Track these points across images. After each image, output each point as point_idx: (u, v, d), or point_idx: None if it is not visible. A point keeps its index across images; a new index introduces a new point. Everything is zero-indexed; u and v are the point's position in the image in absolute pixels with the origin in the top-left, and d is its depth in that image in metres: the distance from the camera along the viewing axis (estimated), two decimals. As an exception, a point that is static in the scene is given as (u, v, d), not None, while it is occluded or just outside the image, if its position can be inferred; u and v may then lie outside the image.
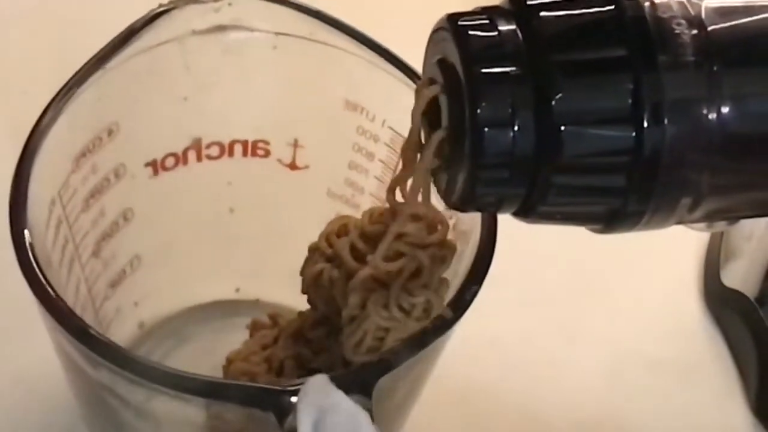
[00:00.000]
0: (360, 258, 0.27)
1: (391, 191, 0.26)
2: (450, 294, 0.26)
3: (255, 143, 0.33)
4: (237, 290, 0.37)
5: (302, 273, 0.30)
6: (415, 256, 0.26)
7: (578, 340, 0.39)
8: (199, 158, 0.32)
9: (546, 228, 0.23)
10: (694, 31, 0.20)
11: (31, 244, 0.24)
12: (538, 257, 0.39)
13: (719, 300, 0.40)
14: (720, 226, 0.25)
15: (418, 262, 0.26)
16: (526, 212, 0.22)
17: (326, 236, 0.29)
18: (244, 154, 0.33)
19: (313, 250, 0.30)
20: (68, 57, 0.28)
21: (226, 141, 0.32)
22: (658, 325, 0.40)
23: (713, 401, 0.38)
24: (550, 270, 0.40)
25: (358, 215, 0.32)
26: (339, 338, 0.28)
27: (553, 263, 0.40)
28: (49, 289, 0.23)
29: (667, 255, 0.41)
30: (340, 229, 0.29)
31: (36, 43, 0.44)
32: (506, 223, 0.25)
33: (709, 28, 0.20)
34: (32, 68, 0.42)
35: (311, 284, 0.29)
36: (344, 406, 0.21)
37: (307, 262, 0.30)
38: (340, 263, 0.28)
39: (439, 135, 0.22)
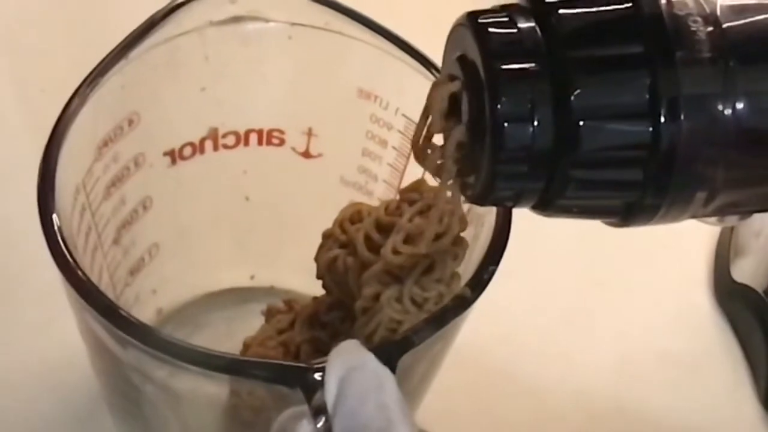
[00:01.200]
0: (374, 248, 0.28)
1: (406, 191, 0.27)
2: (468, 274, 0.26)
3: (270, 132, 0.33)
4: (252, 277, 0.37)
5: (317, 259, 0.30)
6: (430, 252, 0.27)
7: (589, 333, 0.39)
8: (215, 147, 0.33)
9: (558, 223, 0.23)
10: (710, 28, 0.21)
11: (59, 227, 0.24)
12: (549, 252, 0.40)
13: (729, 294, 0.41)
14: (732, 220, 0.25)
15: (432, 258, 0.27)
16: (544, 206, 0.22)
17: (340, 222, 0.30)
18: (260, 143, 0.33)
19: (328, 236, 0.30)
20: (86, 55, 0.28)
21: (241, 130, 0.33)
22: (669, 319, 0.40)
23: (723, 394, 0.39)
24: (562, 264, 0.41)
25: (372, 202, 0.33)
26: (354, 323, 0.29)
27: (564, 258, 0.41)
28: (79, 272, 0.24)
29: (678, 250, 0.41)
30: (353, 215, 0.30)
31: (54, 41, 0.45)
32: (518, 218, 0.26)
33: (724, 25, 0.21)
34: (50, 66, 0.43)
35: (326, 270, 0.30)
36: (371, 365, 0.22)
37: (322, 248, 0.30)
38: (354, 251, 0.29)
39: (459, 130, 0.23)
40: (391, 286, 0.27)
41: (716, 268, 0.42)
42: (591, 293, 0.40)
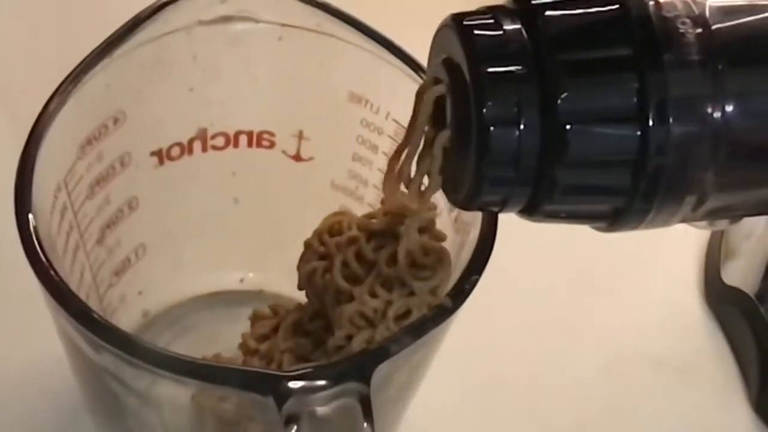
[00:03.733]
0: (351, 277, 0.28)
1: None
2: (450, 283, 0.26)
3: (260, 134, 0.33)
4: (241, 281, 0.37)
5: (298, 268, 0.30)
6: (406, 302, 0.27)
7: (579, 338, 0.39)
8: (204, 148, 0.32)
9: (547, 226, 0.23)
10: (699, 30, 0.20)
11: (35, 227, 0.24)
12: (538, 255, 0.39)
13: (720, 297, 0.40)
14: (722, 224, 0.25)
15: (408, 307, 0.27)
16: (530, 211, 0.22)
17: (319, 234, 0.30)
18: (249, 144, 0.33)
19: (308, 246, 0.30)
20: (69, 56, 0.28)
21: (231, 132, 0.32)
22: (659, 323, 0.40)
23: (714, 398, 0.38)
24: (551, 268, 0.40)
25: (362, 207, 0.33)
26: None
27: (553, 261, 0.41)
28: (52, 273, 0.23)
29: (668, 253, 0.41)
30: (332, 226, 0.30)
31: (36, 42, 0.44)
32: (507, 221, 0.26)
33: (713, 27, 0.21)
34: (33, 67, 0.42)
35: (305, 282, 0.30)
36: None
37: (302, 258, 0.30)
38: (331, 266, 0.28)
39: (444, 135, 0.22)
40: (363, 330, 0.27)
41: (706, 271, 0.41)
42: (580, 297, 0.40)
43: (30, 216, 0.24)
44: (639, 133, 0.20)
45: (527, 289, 0.39)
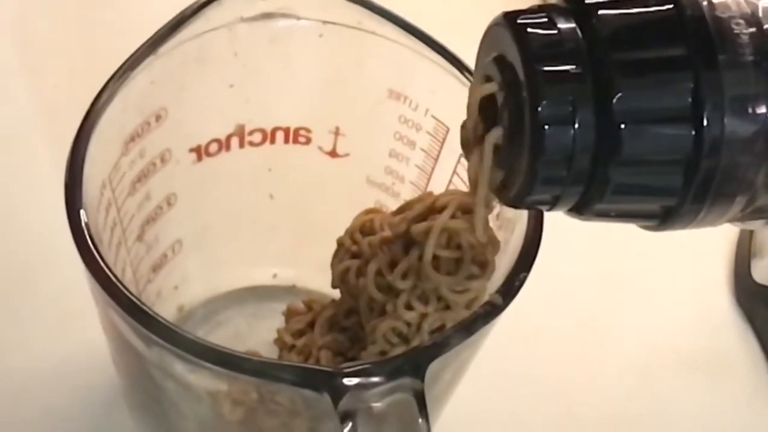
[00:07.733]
0: (384, 287, 0.28)
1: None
2: (499, 281, 0.26)
3: (297, 130, 0.33)
4: (274, 276, 0.37)
5: (332, 267, 0.30)
6: (441, 316, 0.27)
7: (609, 337, 0.39)
8: (241, 145, 0.32)
9: (578, 225, 0.23)
10: (752, 29, 0.20)
11: (86, 223, 0.24)
12: (569, 255, 0.39)
13: (750, 296, 0.40)
14: (755, 224, 0.25)
15: (443, 321, 0.27)
16: (581, 209, 0.22)
17: (351, 233, 0.30)
18: (286, 141, 0.33)
19: (340, 245, 0.30)
20: (99, 51, 0.28)
21: (268, 128, 0.33)
22: (690, 322, 0.40)
23: (744, 397, 0.39)
24: (582, 268, 0.41)
25: (397, 203, 0.33)
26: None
27: (584, 261, 0.41)
28: (105, 268, 0.24)
29: (698, 252, 0.41)
30: (364, 225, 0.30)
31: (67, 36, 0.44)
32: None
33: (766, 27, 0.21)
34: (63, 62, 0.42)
35: (339, 281, 0.30)
36: None
37: (335, 256, 0.30)
38: (365, 264, 0.28)
39: (496, 133, 0.22)
40: (397, 347, 0.27)
41: (736, 270, 0.41)
42: (611, 296, 0.40)
43: (81, 212, 0.24)
44: (693, 132, 0.20)
45: (557, 288, 0.39)
